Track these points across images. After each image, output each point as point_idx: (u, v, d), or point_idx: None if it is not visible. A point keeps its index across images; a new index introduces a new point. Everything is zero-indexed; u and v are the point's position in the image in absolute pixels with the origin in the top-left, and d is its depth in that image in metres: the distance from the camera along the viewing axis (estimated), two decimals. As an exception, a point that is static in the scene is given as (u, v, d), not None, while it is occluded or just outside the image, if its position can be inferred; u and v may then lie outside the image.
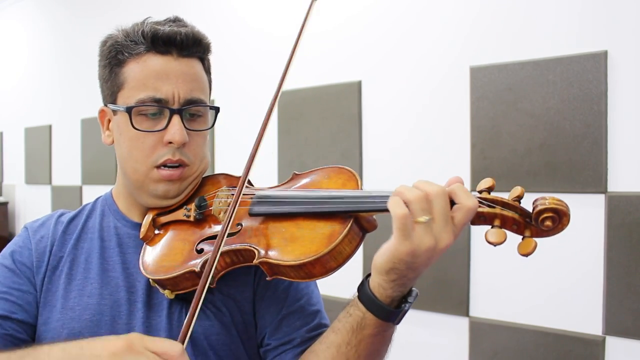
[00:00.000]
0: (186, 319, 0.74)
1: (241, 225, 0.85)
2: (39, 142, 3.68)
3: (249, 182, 0.94)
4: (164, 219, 0.94)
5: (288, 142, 2.31)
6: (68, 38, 3.53)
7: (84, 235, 0.98)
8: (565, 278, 1.67)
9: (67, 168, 3.44)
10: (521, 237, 0.71)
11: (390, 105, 2.05)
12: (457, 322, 1.87)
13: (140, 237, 0.93)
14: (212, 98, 2.76)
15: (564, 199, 0.72)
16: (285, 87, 2.46)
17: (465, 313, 1.85)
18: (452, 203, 0.70)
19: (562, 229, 0.71)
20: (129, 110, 0.89)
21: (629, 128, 1.57)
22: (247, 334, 0.92)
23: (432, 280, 1.90)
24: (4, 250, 0.97)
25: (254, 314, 0.93)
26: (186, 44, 0.90)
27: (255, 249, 0.81)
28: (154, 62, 0.89)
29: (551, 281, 1.69)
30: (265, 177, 2.34)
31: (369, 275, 0.76)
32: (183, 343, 0.72)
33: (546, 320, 1.70)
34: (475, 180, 1.81)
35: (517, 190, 0.73)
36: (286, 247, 0.79)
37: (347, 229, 0.76)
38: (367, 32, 2.11)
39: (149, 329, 0.89)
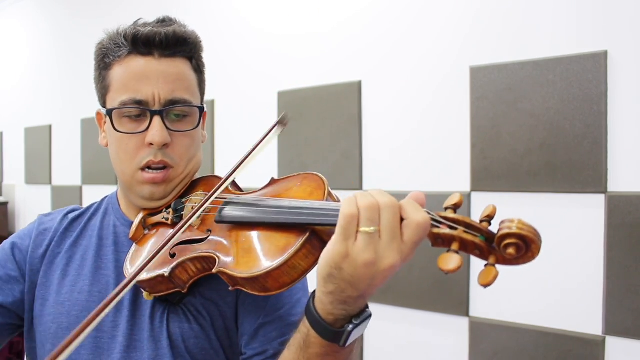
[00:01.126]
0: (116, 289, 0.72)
1: (210, 230, 0.84)
2: (39, 142, 3.68)
3: (236, 187, 0.93)
4: (152, 219, 0.94)
5: (288, 142, 2.31)
6: (68, 38, 3.53)
7: (84, 233, 0.99)
8: (565, 278, 1.67)
9: (67, 168, 3.44)
10: (484, 263, 0.62)
11: (390, 105, 2.05)
12: (457, 322, 1.87)
13: (130, 236, 0.94)
14: (212, 98, 2.76)
15: (564, 199, 0.68)
16: (285, 87, 2.45)
17: (465, 313, 1.85)
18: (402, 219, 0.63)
19: (531, 258, 0.61)
20: (109, 112, 0.90)
21: (629, 128, 1.57)
22: (229, 340, 0.91)
23: (432, 280, 1.90)
24: (11, 236, 1.01)
25: (236, 320, 0.92)
26: (166, 44, 0.89)
27: (217, 257, 0.78)
28: (135, 64, 0.89)
29: (551, 281, 1.69)
30: (265, 177, 2.34)
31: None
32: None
33: (546, 320, 1.70)
34: (475, 180, 1.81)
35: (488, 208, 0.63)
36: (242, 257, 0.76)
37: (300, 242, 0.71)
38: (367, 32, 2.11)
39: (133, 328, 0.90)
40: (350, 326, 0.67)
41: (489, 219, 0.63)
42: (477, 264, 1.82)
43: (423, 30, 1.97)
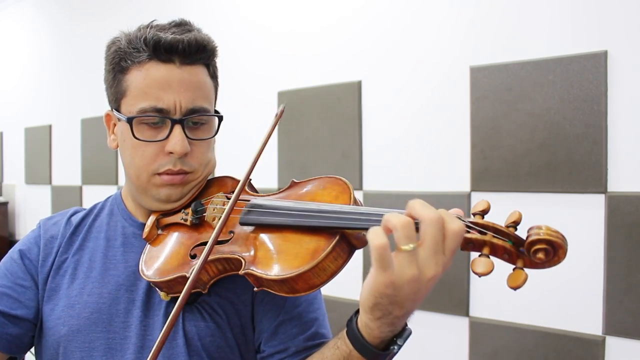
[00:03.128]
0: (165, 326, 0.74)
1: (233, 233, 0.85)
2: (39, 142, 3.68)
3: (252, 188, 0.94)
4: (167, 220, 0.94)
5: (288, 142, 2.31)
6: (68, 38, 3.53)
7: (90, 235, 0.99)
8: (565, 278, 1.67)
9: (67, 168, 3.44)
10: (512, 267, 0.66)
11: (390, 105, 2.05)
12: (457, 322, 1.87)
13: (143, 237, 0.93)
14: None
15: (564, 199, 0.69)
16: (285, 87, 2.46)
17: (465, 313, 1.85)
18: None
19: (557, 262, 0.64)
20: (129, 120, 0.88)
21: (629, 128, 1.57)
22: (245, 338, 0.91)
23: (432, 280, 1.90)
24: (17, 244, 1.00)
25: (253, 318, 0.92)
26: (189, 52, 0.88)
27: (243, 258, 0.79)
28: (156, 71, 0.87)
29: (551, 281, 1.69)
30: (265, 177, 2.34)
31: (358, 311, 0.72)
32: (158, 352, 0.72)
33: (546, 320, 1.70)
34: (475, 180, 1.81)
35: (514, 214, 0.66)
36: (270, 260, 0.77)
37: (331, 246, 0.73)
38: (367, 32, 2.11)
39: (145, 328, 0.90)
40: (396, 347, 0.71)
41: (514, 224, 0.66)
42: (477, 264, 1.82)
43: (423, 30, 1.97)
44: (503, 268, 0.75)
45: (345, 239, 0.74)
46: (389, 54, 2.05)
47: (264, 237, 0.81)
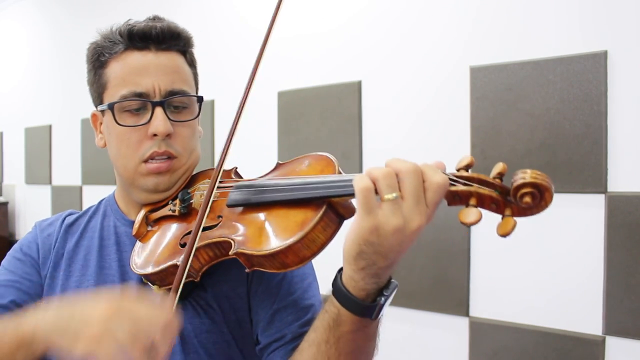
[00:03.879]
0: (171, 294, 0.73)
1: (221, 217, 0.85)
2: (39, 142, 3.68)
3: (238, 175, 0.94)
4: (155, 215, 0.94)
5: (288, 142, 2.31)
6: (68, 38, 3.53)
7: (85, 234, 1.00)
8: (565, 278, 1.67)
9: (67, 168, 3.44)
10: (501, 216, 0.65)
11: (390, 105, 2.05)
12: (457, 322, 1.87)
13: (133, 234, 0.94)
14: (212, 98, 2.76)
15: (564, 199, 0.69)
16: (285, 87, 2.46)
17: (465, 313, 1.85)
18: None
19: (545, 206, 0.63)
20: (110, 106, 0.90)
21: (629, 128, 1.57)
22: (242, 332, 0.91)
23: (432, 280, 1.90)
24: (15, 246, 1.01)
25: (249, 311, 0.92)
26: (162, 38, 0.91)
27: (232, 240, 0.79)
28: (133, 58, 0.90)
29: (551, 281, 1.69)
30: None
31: (342, 268, 0.71)
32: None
33: (546, 320, 1.70)
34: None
35: (498, 166, 0.66)
36: (260, 236, 0.76)
37: (319, 215, 0.72)
38: (368, 33, 2.11)
39: None
40: (383, 299, 0.68)
41: (500, 175, 0.66)
42: (477, 264, 1.82)
43: (423, 31, 1.97)
44: (502, 267, 0.75)
45: (333, 208, 0.74)
46: (389, 54, 2.05)
47: (252, 216, 0.81)
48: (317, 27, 2.26)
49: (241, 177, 0.94)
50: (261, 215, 0.79)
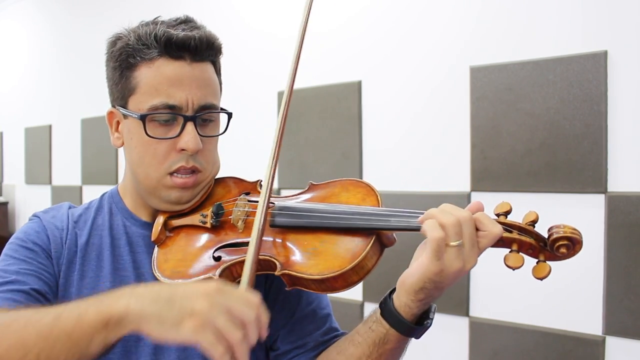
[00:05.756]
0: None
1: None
2: (39, 142, 3.68)
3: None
4: (176, 222, 0.93)
5: (288, 142, 2.31)
6: (68, 38, 3.53)
7: (94, 232, 0.96)
8: (565, 278, 1.66)
9: (67, 168, 3.44)
10: (536, 260, 0.76)
11: (390, 105, 2.05)
12: (457, 322, 1.87)
13: (152, 239, 0.92)
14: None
15: (564, 199, 0.74)
16: (285, 87, 2.43)
17: (465, 313, 1.85)
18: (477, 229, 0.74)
19: (574, 254, 0.75)
20: (142, 118, 0.87)
21: (629, 128, 1.57)
22: None
23: (432, 280, 1.90)
24: (18, 235, 0.93)
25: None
26: (200, 49, 0.89)
27: (276, 260, 0.81)
28: (167, 68, 0.87)
29: (551, 281, 1.67)
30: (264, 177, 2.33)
31: (392, 292, 0.80)
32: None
33: (546, 320, 1.70)
34: (475, 180, 1.81)
35: (531, 215, 0.76)
36: (309, 260, 0.80)
37: (370, 245, 0.78)
38: (368, 32, 2.11)
39: None
40: (430, 322, 0.80)
41: (533, 223, 0.76)
42: (477, 265, 1.82)
43: (423, 31, 1.97)
44: (502, 268, 0.77)
45: (379, 238, 0.80)
46: (389, 54, 2.05)
47: (296, 238, 0.83)
48: (318, 27, 2.26)
49: (275, 195, 0.94)
50: (308, 239, 0.83)
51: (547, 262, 0.76)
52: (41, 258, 0.90)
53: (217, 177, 0.99)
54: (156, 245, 0.92)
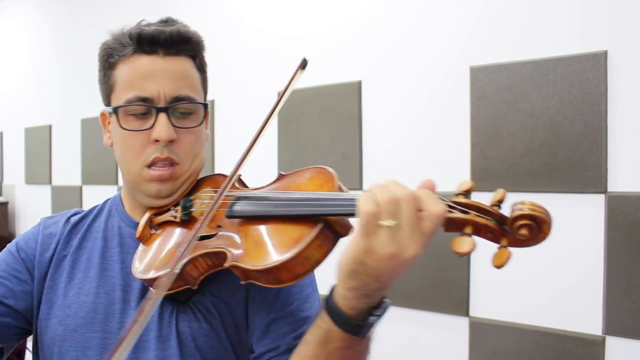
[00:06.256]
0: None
1: (220, 226, 0.84)
2: (39, 142, 3.68)
3: (242, 183, 0.94)
4: (159, 219, 0.94)
5: (288, 142, 2.31)
6: (68, 38, 3.53)
7: (89, 235, 0.99)
8: (565, 278, 1.67)
9: (67, 168, 3.44)
10: (497, 246, 0.64)
11: (390, 105, 2.05)
12: (457, 322, 1.87)
13: (136, 236, 0.93)
14: (212, 98, 2.76)
15: (564, 199, 0.69)
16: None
17: (465, 313, 1.85)
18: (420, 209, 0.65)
19: (543, 238, 0.63)
20: (115, 110, 0.91)
21: (629, 128, 1.57)
22: (239, 338, 0.91)
23: (432, 280, 1.90)
24: (16, 238, 1.00)
25: (247, 317, 0.91)
26: (171, 43, 0.90)
27: (228, 251, 0.79)
28: (141, 62, 0.90)
29: (551, 281, 1.69)
30: (265, 178, 2.33)
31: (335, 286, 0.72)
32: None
33: (546, 320, 1.70)
34: (475, 180, 1.81)
35: (498, 193, 0.65)
36: (254, 250, 0.76)
37: (314, 234, 0.72)
38: (368, 33, 2.11)
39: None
40: (373, 318, 0.69)
41: (499, 203, 0.65)
42: (477, 264, 1.82)
43: (423, 31, 1.97)
44: (504, 269, 0.75)
45: (330, 226, 0.73)
46: (389, 54, 2.05)
47: (250, 228, 0.80)
48: (318, 27, 2.26)
49: (246, 186, 0.94)
50: (259, 229, 0.79)
51: (510, 247, 0.63)
52: (17, 263, 0.95)
53: (206, 175, 0.99)
54: (141, 242, 0.93)
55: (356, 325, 0.69)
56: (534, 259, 1.72)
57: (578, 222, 1.64)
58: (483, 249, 0.70)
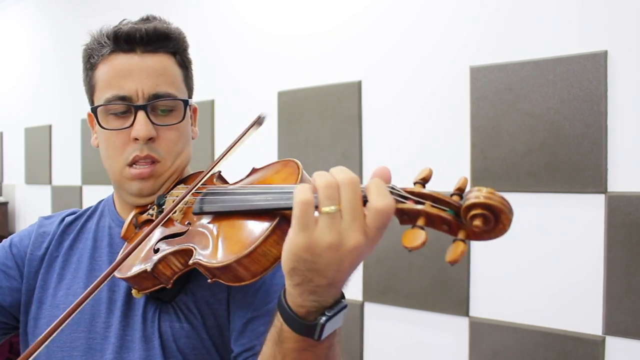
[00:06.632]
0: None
1: (190, 224, 0.83)
2: (39, 142, 3.68)
3: (222, 180, 0.92)
4: (142, 217, 0.94)
5: (288, 142, 2.31)
6: (68, 38, 3.53)
7: (81, 236, 1.00)
8: (566, 278, 1.67)
9: (67, 168, 3.44)
10: (452, 239, 0.57)
11: (390, 105, 2.05)
12: (457, 322, 1.87)
13: (121, 235, 0.94)
14: (212, 98, 2.76)
15: (564, 199, 0.64)
16: (285, 87, 2.46)
17: (465, 313, 1.85)
18: (366, 200, 0.58)
19: (502, 231, 0.55)
20: (94, 110, 0.91)
21: (629, 128, 1.57)
22: (222, 338, 0.89)
23: (432, 280, 1.90)
24: (11, 235, 1.02)
25: (229, 317, 0.90)
26: (147, 40, 0.90)
27: (194, 248, 0.77)
28: (118, 61, 0.90)
29: (551, 281, 1.69)
30: (265, 177, 2.34)
31: None
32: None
33: (546, 320, 1.70)
34: (475, 181, 1.81)
35: (459, 181, 0.58)
36: (216, 247, 0.74)
37: (269, 229, 0.68)
38: (367, 32, 2.11)
39: (125, 328, 0.89)
40: (323, 318, 0.62)
41: (459, 192, 0.58)
42: (477, 264, 1.82)
43: (423, 31, 1.97)
44: (502, 267, 0.74)
45: (287, 220, 0.66)
46: (389, 54, 2.05)
47: (214, 225, 0.79)
48: (318, 26, 2.26)
49: (226, 182, 0.92)
50: (222, 225, 0.77)
51: (467, 240, 0.56)
52: (8, 259, 0.96)
53: (195, 171, 0.99)
54: (126, 242, 0.93)
55: (305, 325, 0.63)
56: (534, 259, 1.72)
57: (578, 222, 1.64)
58: (483, 250, 0.69)
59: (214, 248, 0.75)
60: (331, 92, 2.18)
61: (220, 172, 0.92)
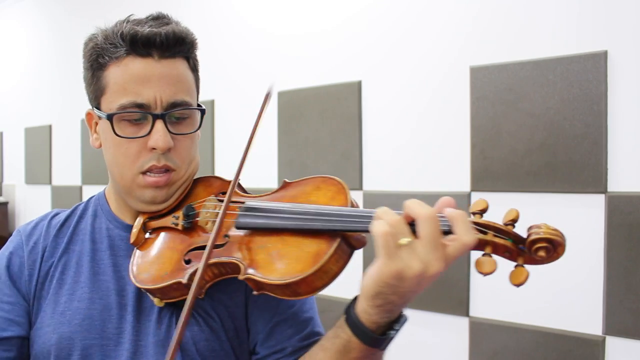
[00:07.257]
0: (175, 333, 0.71)
1: (228, 236, 0.83)
2: (39, 142, 3.68)
3: (241, 189, 0.92)
4: (154, 223, 0.92)
5: (288, 142, 2.31)
6: (68, 38, 3.53)
7: (76, 237, 0.96)
8: (565, 278, 1.67)
9: (67, 168, 3.44)
10: (514, 264, 0.68)
11: (390, 105, 2.05)
12: (457, 322, 1.87)
13: (131, 241, 0.91)
14: (212, 98, 2.76)
15: (564, 199, 0.71)
16: (285, 87, 2.46)
17: (465, 313, 1.85)
18: (448, 231, 0.66)
19: (556, 258, 0.68)
20: (109, 117, 0.86)
21: (629, 128, 1.57)
22: (239, 340, 0.90)
23: (432, 280, 1.90)
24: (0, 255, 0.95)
25: (247, 320, 0.91)
26: (167, 45, 0.86)
27: (241, 263, 0.78)
28: (135, 66, 0.86)
29: (551, 281, 1.69)
30: (265, 178, 2.34)
31: (356, 297, 0.73)
32: (173, 357, 0.70)
33: (546, 320, 1.70)
34: (475, 180, 1.81)
35: (512, 213, 0.69)
36: (271, 264, 0.76)
37: (333, 248, 0.73)
38: (367, 32, 2.11)
39: (138, 333, 0.88)
40: (393, 332, 0.72)
41: (513, 222, 0.68)
42: (477, 264, 1.82)
43: (423, 30, 1.97)
44: (502, 268, 0.75)
45: (346, 240, 0.75)
46: (389, 54, 2.05)
47: (262, 240, 0.80)
48: (317, 26, 2.26)
49: (245, 191, 0.92)
50: (272, 241, 0.79)
51: (526, 266, 0.68)
52: (6, 287, 0.91)
53: (199, 176, 0.98)
54: (136, 248, 0.91)
55: (376, 339, 0.71)
56: (534, 259, 1.72)
57: (578, 222, 1.64)
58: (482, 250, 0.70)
59: (270, 265, 0.77)
60: (331, 92, 2.18)
61: (239, 181, 0.91)
